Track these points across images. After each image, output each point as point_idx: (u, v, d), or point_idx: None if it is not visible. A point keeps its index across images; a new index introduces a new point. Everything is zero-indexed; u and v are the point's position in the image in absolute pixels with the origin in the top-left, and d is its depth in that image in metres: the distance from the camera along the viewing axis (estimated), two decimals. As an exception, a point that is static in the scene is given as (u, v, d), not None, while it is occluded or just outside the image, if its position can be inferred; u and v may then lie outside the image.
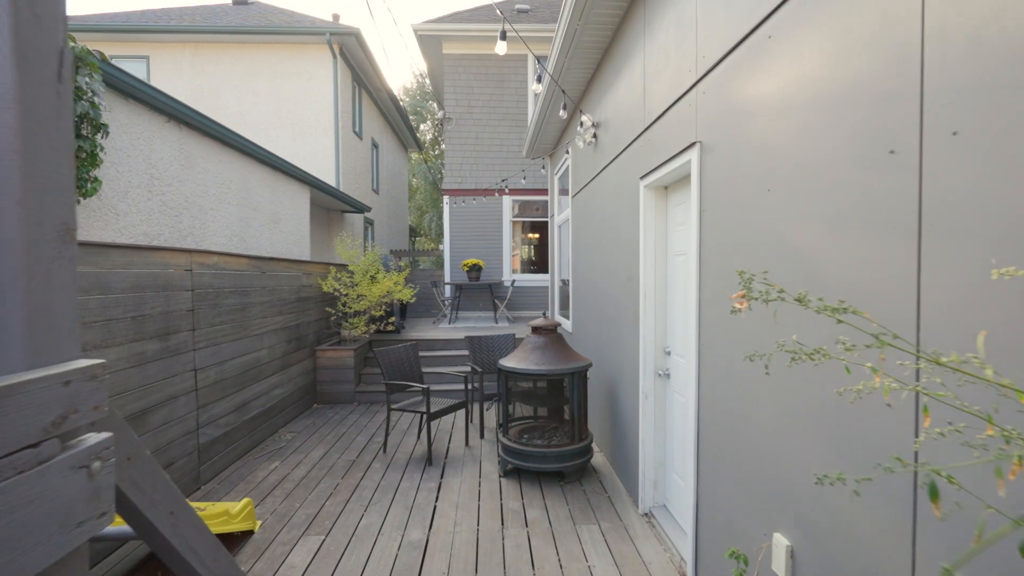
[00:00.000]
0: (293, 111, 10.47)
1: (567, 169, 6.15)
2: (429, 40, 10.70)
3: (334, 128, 10.51)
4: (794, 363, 0.81)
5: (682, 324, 3.01)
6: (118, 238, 4.11)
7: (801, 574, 1.66)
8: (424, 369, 5.90)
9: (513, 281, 10.45)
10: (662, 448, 3.41)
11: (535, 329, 4.31)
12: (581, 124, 4.64)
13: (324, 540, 3.23)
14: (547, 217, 8.26)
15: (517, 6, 11.43)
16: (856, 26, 1.40)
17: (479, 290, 10.58)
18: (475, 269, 10.16)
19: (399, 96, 23.56)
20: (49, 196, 0.67)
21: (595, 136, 4.54)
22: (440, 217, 21.51)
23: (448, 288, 10.61)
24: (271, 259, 5.57)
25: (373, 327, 7.62)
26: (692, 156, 2.47)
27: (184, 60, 10.37)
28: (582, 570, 2.87)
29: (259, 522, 3.44)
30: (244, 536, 3.25)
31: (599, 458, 4.55)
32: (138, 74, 8.72)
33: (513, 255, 11.08)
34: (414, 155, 22.65)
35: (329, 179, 10.23)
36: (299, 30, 10.31)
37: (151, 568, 2.94)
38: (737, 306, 0.77)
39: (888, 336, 0.57)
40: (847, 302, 0.75)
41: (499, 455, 4.29)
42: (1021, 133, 0.97)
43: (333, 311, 7.29)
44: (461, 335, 7.55)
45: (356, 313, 7.37)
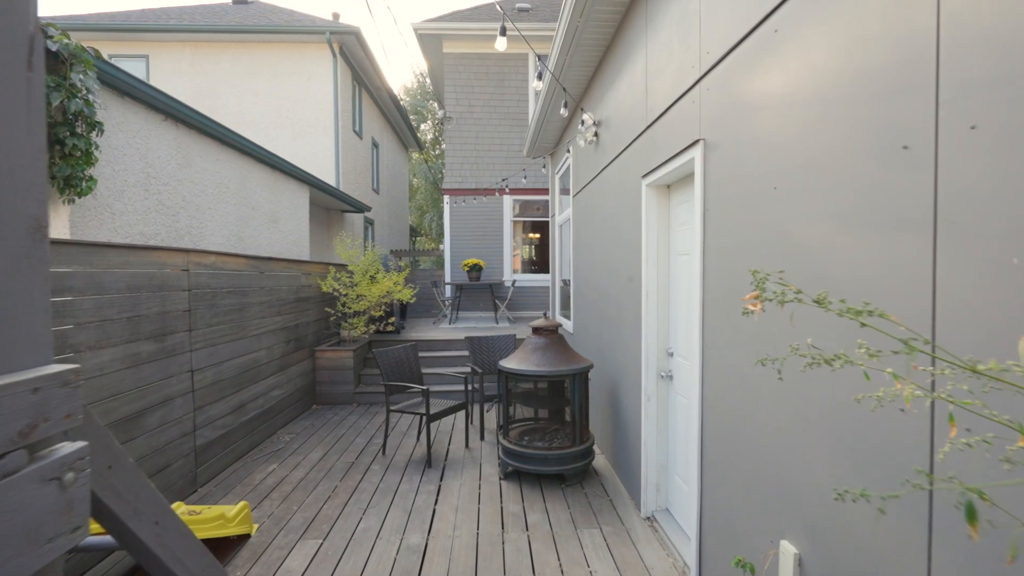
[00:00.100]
0: (293, 110, 10.43)
1: (568, 168, 6.10)
2: (429, 39, 10.66)
3: (334, 127, 10.47)
4: (808, 368, 0.77)
5: (685, 325, 2.97)
6: (114, 237, 4.07)
7: (809, 583, 1.62)
8: (424, 370, 5.86)
9: (514, 281, 10.41)
10: (665, 451, 3.37)
11: (536, 330, 4.27)
12: (582, 122, 4.60)
13: (322, 544, 3.19)
14: (548, 217, 8.21)
15: (518, 5, 11.38)
16: (867, 17, 1.35)
17: (479, 290, 10.54)
18: (475, 269, 10.12)
19: (399, 95, 23.53)
20: (18, 191, 0.63)
21: (596, 135, 4.50)
22: (440, 217, 21.47)
23: (448, 288, 10.57)
24: (270, 259, 5.52)
25: (373, 327, 7.58)
26: (695, 154, 2.42)
27: (184, 59, 10.34)
28: (583, 575, 2.83)
29: (256, 526, 3.40)
30: (240, 540, 3.21)
31: (601, 460, 4.51)
32: (138, 73, 8.67)
33: (514, 255, 11.03)
34: (415, 155, 22.62)
35: (329, 179, 10.19)
36: (299, 29, 10.27)
37: None
38: (750, 307, 0.73)
39: (919, 342, 0.53)
40: (861, 303, 0.70)
41: (499, 457, 4.25)
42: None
43: (332, 311, 7.24)
44: (461, 335, 7.50)
45: (356, 313, 7.33)
